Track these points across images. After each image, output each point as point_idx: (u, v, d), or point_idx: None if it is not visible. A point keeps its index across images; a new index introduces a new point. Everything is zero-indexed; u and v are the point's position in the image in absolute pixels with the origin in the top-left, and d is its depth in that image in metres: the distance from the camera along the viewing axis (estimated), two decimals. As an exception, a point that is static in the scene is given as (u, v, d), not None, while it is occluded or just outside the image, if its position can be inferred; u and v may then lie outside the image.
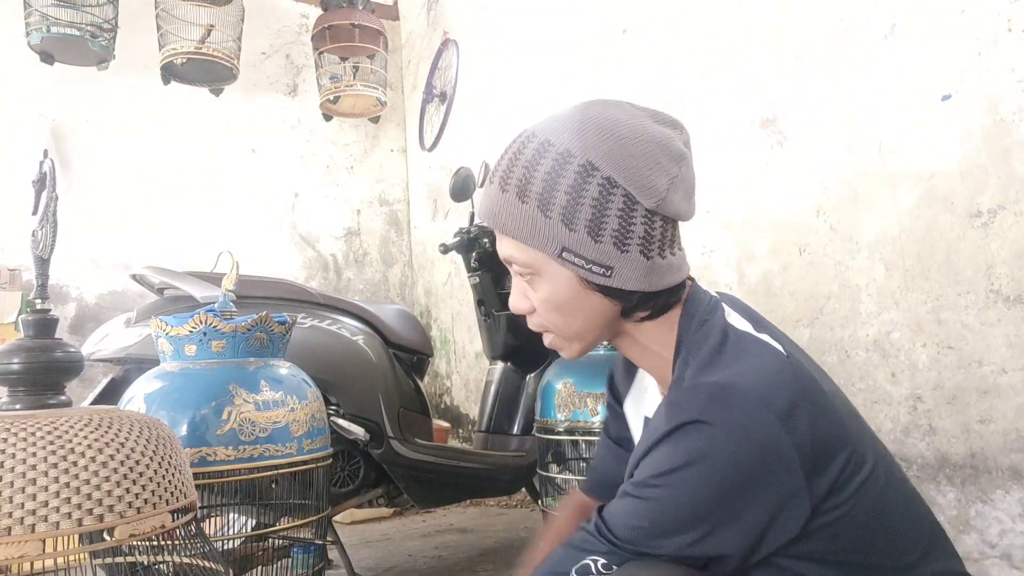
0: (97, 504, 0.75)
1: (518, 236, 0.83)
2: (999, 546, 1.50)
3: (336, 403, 2.07)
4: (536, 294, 0.86)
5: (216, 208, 3.67)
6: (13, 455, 0.73)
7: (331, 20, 3.60)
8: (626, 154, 0.79)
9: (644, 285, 0.82)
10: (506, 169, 0.84)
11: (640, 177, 0.79)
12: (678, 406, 0.77)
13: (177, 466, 0.90)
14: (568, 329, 0.87)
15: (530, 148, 0.83)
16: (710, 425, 0.74)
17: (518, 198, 0.81)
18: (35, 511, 0.71)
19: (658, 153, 0.81)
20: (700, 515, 0.75)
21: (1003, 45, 1.49)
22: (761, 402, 0.75)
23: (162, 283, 2.14)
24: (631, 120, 0.82)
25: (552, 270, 0.83)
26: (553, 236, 0.80)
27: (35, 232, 1.11)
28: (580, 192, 0.79)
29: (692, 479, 0.74)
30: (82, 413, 0.86)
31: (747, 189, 2.07)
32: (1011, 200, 1.48)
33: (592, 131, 0.81)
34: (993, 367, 1.50)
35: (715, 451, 0.73)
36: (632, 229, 0.80)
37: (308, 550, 1.66)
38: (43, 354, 0.99)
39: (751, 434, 0.74)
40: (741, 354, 0.82)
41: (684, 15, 2.30)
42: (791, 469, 0.74)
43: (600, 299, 0.84)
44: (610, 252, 0.80)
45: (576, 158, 0.80)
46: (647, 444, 0.78)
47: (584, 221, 0.79)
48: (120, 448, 0.82)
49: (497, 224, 0.84)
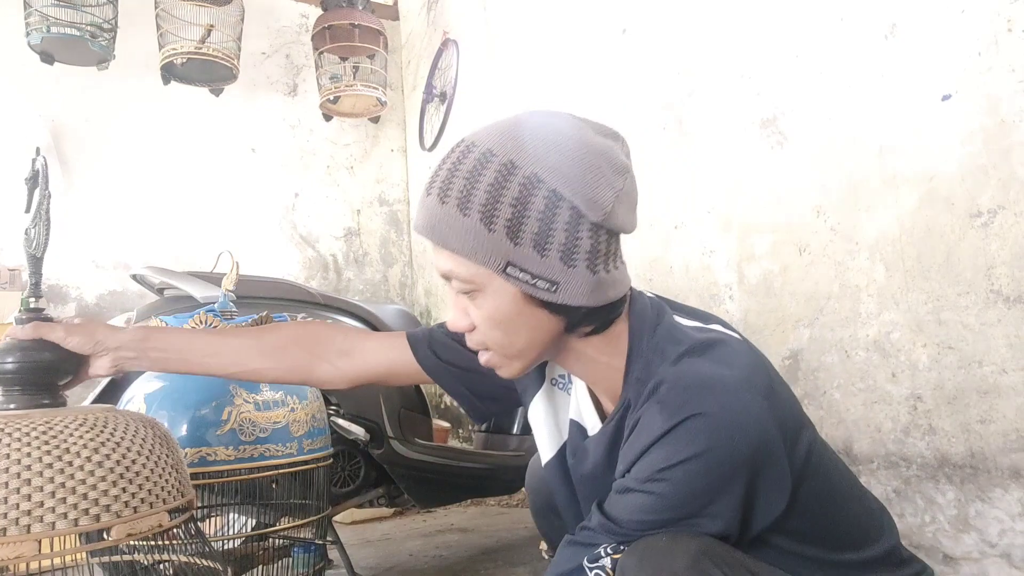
0: (93, 504, 0.75)
1: (459, 250, 0.79)
2: (999, 546, 1.51)
3: (336, 403, 2.07)
4: (478, 311, 0.83)
5: (216, 208, 3.67)
6: (7, 455, 0.73)
7: (331, 20, 3.60)
8: (571, 167, 0.78)
9: (590, 300, 0.80)
10: (445, 179, 0.80)
11: (586, 190, 0.77)
12: (671, 404, 0.78)
13: (174, 465, 0.89)
14: (511, 347, 0.84)
15: (471, 158, 0.79)
16: (708, 416, 0.76)
17: (459, 210, 0.78)
18: (30, 511, 0.71)
19: (603, 166, 0.79)
20: (704, 503, 0.77)
21: (1003, 45, 1.49)
22: (747, 386, 0.79)
23: (162, 283, 2.14)
24: (574, 132, 0.81)
25: (495, 286, 0.80)
26: (497, 250, 0.77)
27: (28, 231, 1.10)
28: (525, 205, 0.76)
29: (696, 470, 0.76)
30: (77, 412, 0.85)
31: (747, 189, 2.07)
32: (1011, 200, 1.48)
33: (536, 142, 0.79)
34: (993, 367, 1.51)
35: (716, 441, 0.75)
36: (579, 243, 0.78)
37: (308, 550, 1.66)
38: (38, 353, 0.99)
39: (745, 419, 0.77)
40: (710, 347, 0.84)
41: (684, 15, 2.30)
42: (778, 448, 0.79)
43: (545, 315, 0.81)
44: (556, 266, 0.78)
45: (521, 170, 0.77)
46: (644, 443, 0.79)
47: (530, 235, 0.77)
48: (116, 447, 0.82)
49: (436, 237, 0.80)
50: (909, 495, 1.66)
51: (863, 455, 1.75)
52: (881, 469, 1.72)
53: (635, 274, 2.44)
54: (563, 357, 0.89)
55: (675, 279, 2.31)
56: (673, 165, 2.33)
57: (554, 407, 1.01)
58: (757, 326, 2.02)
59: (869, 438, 1.74)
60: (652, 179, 2.39)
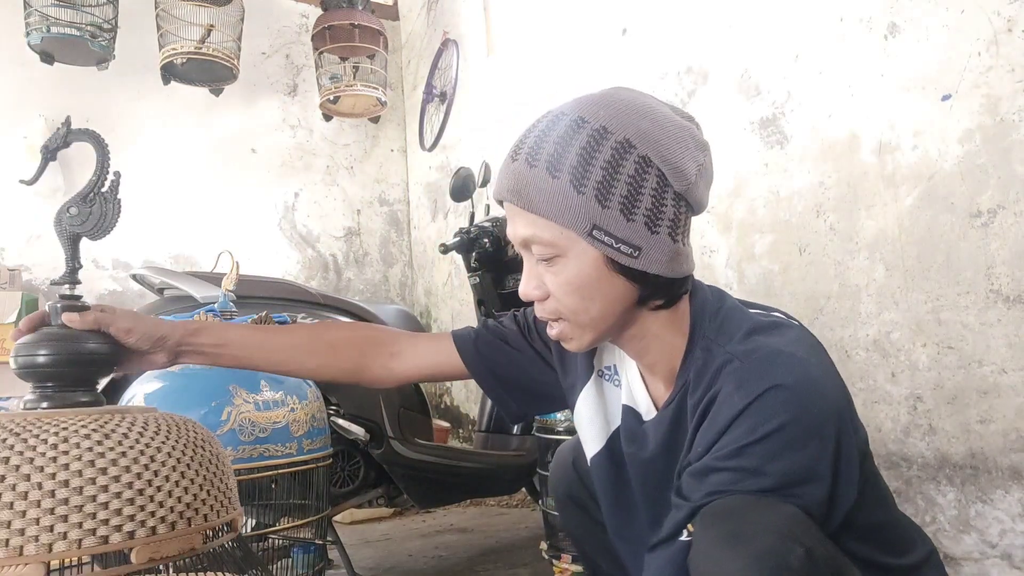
0: (102, 524, 0.64)
1: (546, 212, 0.79)
2: (999, 546, 1.50)
3: (336, 403, 2.07)
4: (555, 278, 0.82)
5: (216, 208, 3.67)
6: (17, 467, 0.64)
7: (331, 20, 3.60)
8: (661, 135, 0.79)
9: (667, 270, 0.81)
10: (534, 144, 0.80)
11: (674, 159, 0.79)
12: (747, 378, 0.78)
13: (213, 477, 0.76)
14: (586, 315, 0.83)
15: (561, 124, 0.80)
16: (787, 388, 0.76)
17: (548, 173, 0.78)
18: (23, 530, 0.62)
19: (688, 139, 0.81)
20: (791, 477, 0.75)
21: (1003, 45, 1.49)
22: (817, 362, 0.80)
23: (162, 283, 2.14)
24: (661, 107, 0.83)
25: (578, 250, 0.80)
26: (585, 213, 0.78)
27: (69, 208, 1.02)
28: (616, 169, 0.77)
29: (781, 442, 0.75)
30: (105, 414, 0.76)
31: (747, 189, 2.07)
32: (1011, 200, 1.47)
33: (627, 111, 0.80)
34: (993, 367, 1.50)
35: (798, 412, 0.75)
36: (663, 210, 0.79)
37: (308, 550, 1.66)
38: (74, 344, 0.88)
39: (822, 391, 0.78)
40: (775, 327, 0.85)
41: (684, 15, 2.30)
42: (849, 426, 0.79)
43: (622, 282, 0.81)
44: (641, 232, 0.78)
45: (613, 135, 0.78)
46: (723, 420, 0.77)
47: (618, 198, 0.77)
48: (140, 455, 0.69)
49: (522, 200, 0.80)
50: (910, 495, 1.66)
51: (863, 455, 1.75)
52: (881, 469, 1.71)
53: (635, 274, 2.44)
54: (628, 333, 0.88)
55: (675, 279, 2.31)
56: (673, 165, 2.33)
57: (603, 399, 1.00)
58: (757, 326, 2.02)
59: (869, 438, 1.74)
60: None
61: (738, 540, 0.68)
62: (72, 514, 0.63)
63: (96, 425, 0.68)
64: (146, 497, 0.67)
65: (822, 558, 0.69)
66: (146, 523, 0.66)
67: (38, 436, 0.66)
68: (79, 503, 0.64)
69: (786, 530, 0.68)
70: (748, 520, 0.69)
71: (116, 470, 0.66)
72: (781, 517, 0.70)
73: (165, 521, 0.67)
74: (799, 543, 0.67)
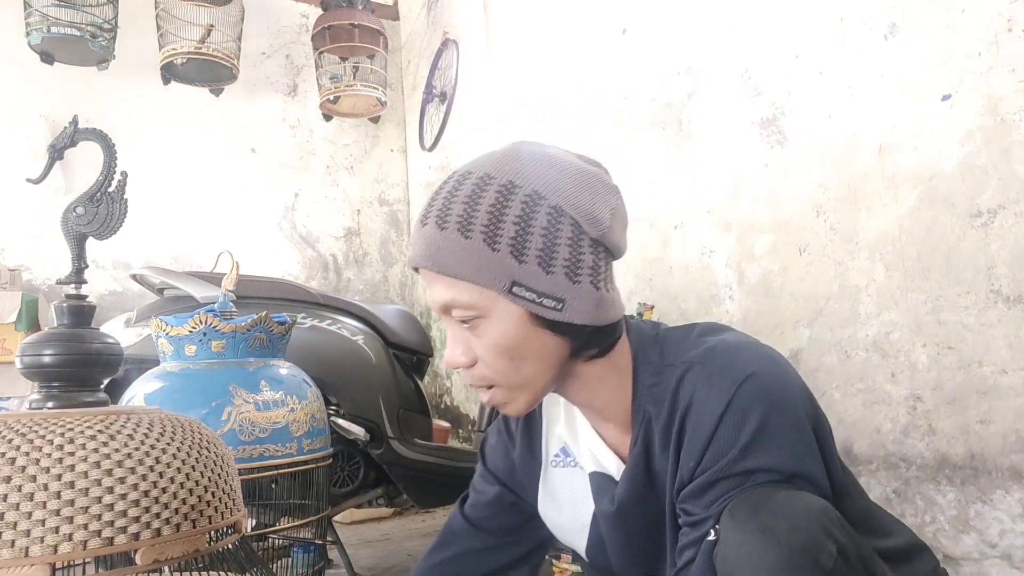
0: (107, 525, 0.64)
1: (462, 275, 0.77)
2: (999, 546, 1.51)
3: (336, 403, 2.07)
4: (480, 341, 0.80)
5: (216, 208, 3.67)
6: (23, 468, 0.63)
7: (331, 20, 3.60)
8: (570, 184, 0.78)
9: (594, 319, 0.79)
10: (442, 207, 0.78)
11: (586, 206, 0.78)
12: (717, 375, 0.78)
13: (218, 479, 0.76)
14: (517, 376, 0.81)
15: (468, 184, 0.78)
16: (760, 375, 0.77)
17: (460, 234, 0.76)
18: (29, 532, 0.61)
19: (597, 185, 0.80)
20: (795, 464, 0.75)
21: (1003, 45, 1.49)
22: (767, 346, 0.83)
23: (162, 283, 2.15)
24: (565, 155, 0.82)
25: (500, 309, 0.78)
26: (502, 270, 0.76)
27: (75, 208, 1.02)
28: (528, 222, 0.76)
29: (772, 432, 0.75)
30: (110, 414, 0.76)
31: (747, 189, 2.07)
32: (1011, 200, 1.48)
33: (532, 163, 0.79)
34: (993, 368, 1.51)
35: (776, 396, 0.76)
36: (582, 259, 0.78)
37: (308, 550, 1.66)
38: (80, 344, 0.87)
39: (787, 371, 0.80)
40: (715, 328, 0.87)
41: (684, 15, 2.31)
42: (812, 398, 0.81)
43: (550, 337, 0.79)
44: (562, 283, 0.77)
45: (521, 188, 0.77)
46: (708, 426, 0.76)
47: (535, 251, 0.76)
48: (145, 457, 0.69)
49: (437, 265, 0.78)
50: (909, 496, 1.66)
51: (863, 456, 1.75)
52: (881, 470, 1.72)
53: (635, 274, 2.44)
54: (568, 385, 0.87)
55: (675, 279, 2.31)
56: (673, 165, 2.33)
57: (567, 486, 0.96)
58: (757, 326, 2.02)
59: (869, 439, 1.74)
60: (652, 179, 2.39)
61: (770, 534, 0.66)
62: (77, 515, 0.63)
63: (102, 426, 0.68)
64: (151, 498, 0.67)
65: (853, 551, 0.68)
66: (151, 524, 0.66)
67: (44, 437, 0.65)
68: (84, 504, 0.63)
69: (817, 523, 0.67)
70: (778, 513, 0.68)
71: (121, 471, 0.66)
72: (810, 509, 0.69)
73: (170, 523, 0.67)
74: (831, 537, 0.67)
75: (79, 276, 1.00)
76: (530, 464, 0.99)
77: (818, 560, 0.65)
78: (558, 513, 0.97)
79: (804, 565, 0.65)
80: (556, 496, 0.97)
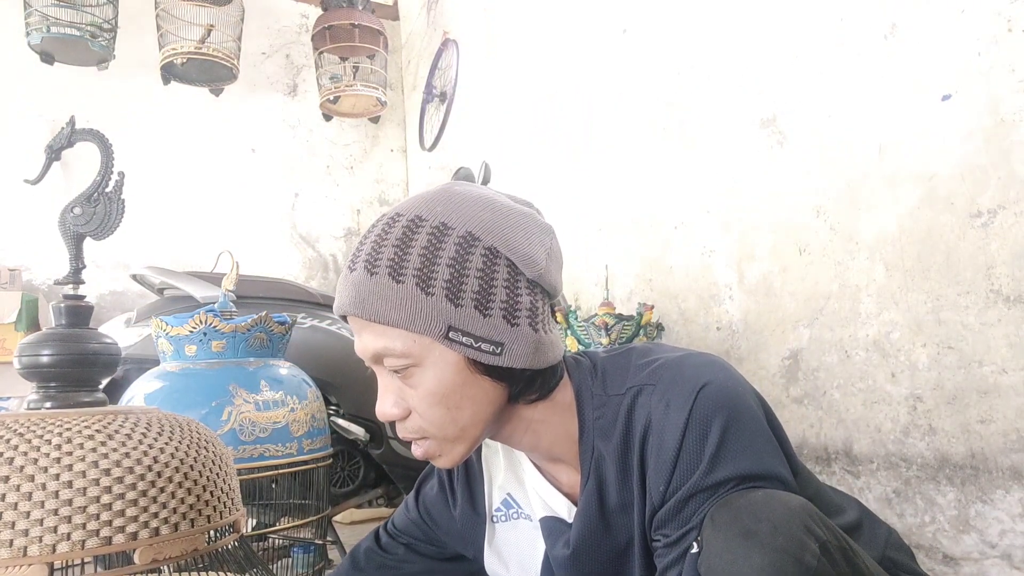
0: (105, 525, 0.64)
1: (394, 321, 0.73)
2: (999, 546, 1.50)
3: (336, 403, 2.07)
4: (414, 391, 0.77)
5: (216, 208, 3.67)
6: (21, 467, 0.63)
7: (331, 20, 3.60)
8: (504, 224, 0.76)
9: (533, 362, 0.76)
10: (371, 251, 0.75)
11: (521, 247, 0.76)
12: (672, 391, 0.76)
13: (216, 478, 0.76)
14: (453, 426, 0.78)
15: (398, 227, 0.75)
16: (712, 383, 0.76)
17: (391, 279, 0.73)
18: (27, 531, 0.61)
19: (530, 225, 0.79)
20: (760, 464, 0.74)
21: (1003, 45, 1.49)
22: (700, 351, 0.83)
23: (162, 283, 2.15)
24: (497, 197, 0.81)
25: (435, 356, 0.74)
26: (437, 315, 0.72)
27: (73, 208, 1.02)
28: (463, 264, 0.73)
29: (735, 437, 0.74)
30: (107, 414, 0.76)
31: (747, 189, 2.07)
32: (1011, 200, 1.48)
33: (464, 204, 0.77)
34: (993, 367, 1.50)
35: (731, 400, 0.76)
36: (520, 300, 0.76)
37: (308, 550, 1.66)
38: (77, 345, 0.87)
39: (731, 371, 0.80)
40: (650, 349, 0.86)
41: (684, 15, 2.30)
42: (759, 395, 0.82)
43: (488, 383, 0.77)
44: (500, 327, 0.74)
45: (454, 230, 0.74)
46: (672, 443, 0.75)
47: (471, 294, 0.73)
48: (143, 456, 0.69)
49: (367, 311, 0.74)
50: (909, 496, 1.66)
51: (863, 455, 1.75)
52: (881, 470, 1.72)
53: (635, 274, 2.44)
54: (509, 431, 0.84)
55: (675, 279, 2.31)
56: (673, 165, 2.33)
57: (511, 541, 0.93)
58: (757, 326, 2.02)
59: (869, 438, 1.74)
60: (652, 179, 2.39)
61: (753, 537, 0.66)
62: (76, 515, 0.63)
63: (100, 426, 0.68)
64: (149, 498, 0.66)
65: (834, 544, 0.68)
66: (149, 524, 0.66)
67: (42, 436, 0.65)
68: (83, 504, 0.63)
69: (798, 522, 0.67)
70: (759, 516, 0.67)
71: (120, 471, 0.66)
72: (790, 508, 0.68)
73: (168, 522, 0.67)
74: (812, 535, 0.66)
75: (77, 276, 1.00)
76: (474, 521, 0.96)
77: (802, 560, 0.64)
78: (505, 570, 0.94)
79: (788, 566, 0.64)
80: (501, 552, 0.94)
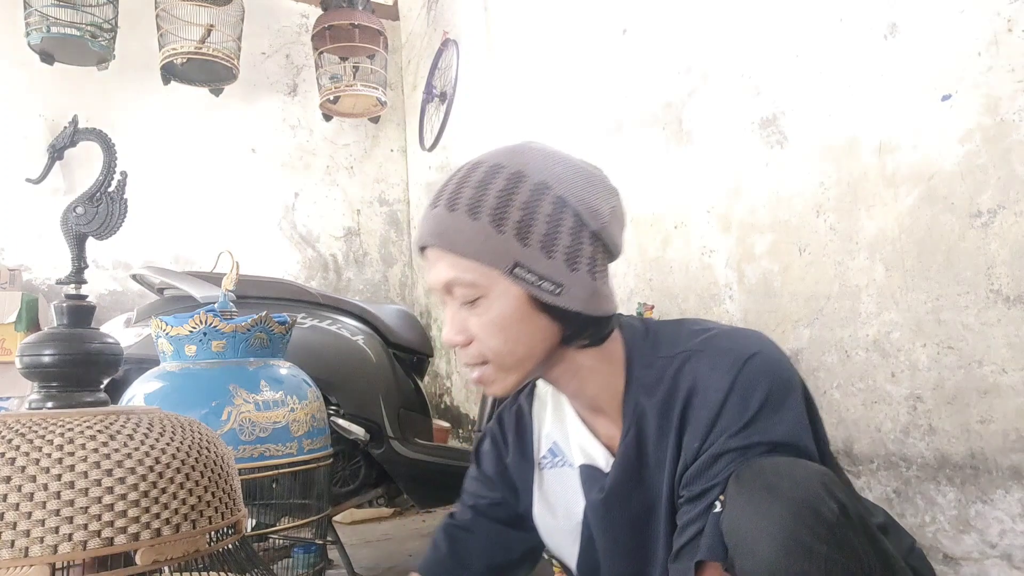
0: (107, 525, 0.63)
1: (467, 253, 0.81)
2: (999, 546, 1.51)
3: (336, 403, 2.07)
4: (478, 319, 0.83)
5: (216, 208, 3.67)
6: (23, 468, 0.62)
7: (331, 20, 3.60)
8: (575, 178, 0.83)
9: (588, 307, 0.82)
10: (453, 191, 0.83)
11: (588, 199, 0.83)
12: (721, 357, 0.82)
13: (217, 479, 0.75)
14: (510, 356, 0.84)
15: (479, 172, 0.83)
16: (761, 353, 0.81)
17: (469, 215, 0.80)
18: (29, 532, 0.61)
19: (598, 183, 0.85)
20: (795, 434, 0.78)
21: (1003, 45, 1.49)
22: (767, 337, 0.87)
23: (162, 283, 2.15)
24: (570, 155, 0.87)
25: (501, 288, 0.81)
26: (506, 251, 0.80)
27: (75, 208, 1.02)
28: (534, 208, 0.80)
29: (774, 406, 0.79)
30: (109, 414, 0.75)
31: (747, 189, 2.07)
32: (1011, 200, 1.48)
33: (541, 157, 0.84)
34: (993, 367, 1.51)
35: (775, 372, 0.81)
36: (581, 248, 0.82)
37: (308, 550, 1.66)
38: (79, 344, 0.87)
39: (779, 349, 0.84)
40: (703, 321, 0.91)
41: (684, 15, 2.30)
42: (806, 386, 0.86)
43: (546, 321, 0.83)
44: (561, 269, 0.81)
45: (529, 178, 0.82)
46: (714, 404, 0.80)
47: (538, 236, 0.80)
48: (145, 457, 0.69)
49: (444, 242, 0.82)
50: (909, 495, 1.66)
51: (863, 455, 1.75)
52: (881, 469, 1.72)
53: (635, 274, 2.44)
54: (559, 372, 0.89)
55: (675, 279, 2.31)
56: (673, 164, 2.33)
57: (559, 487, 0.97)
58: (757, 326, 2.02)
59: (869, 438, 1.74)
60: (652, 178, 2.39)
61: (774, 490, 0.70)
62: (77, 515, 0.63)
63: (101, 426, 0.68)
64: (151, 499, 0.67)
65: (853, 510, 0.71)
66: (151, 525, 0.66)
67: (43, 437, 0.65)
68: (84, 504, 0.63)
69: (818, 481, 0.71)
70: (781, 473, 0.72)
71: (121, 471, 0.66)
72: (811, 471, 0.73)
73: (170, 523, 0.67)
74: (831, 495, 0.70)
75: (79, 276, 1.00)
76: (523, 467, 1.01)
77: (820, 512, 0.68)
78: (552, 516, 0.98)
79: (807, 516, 0.68)
80: (549, 499, 0.99)
